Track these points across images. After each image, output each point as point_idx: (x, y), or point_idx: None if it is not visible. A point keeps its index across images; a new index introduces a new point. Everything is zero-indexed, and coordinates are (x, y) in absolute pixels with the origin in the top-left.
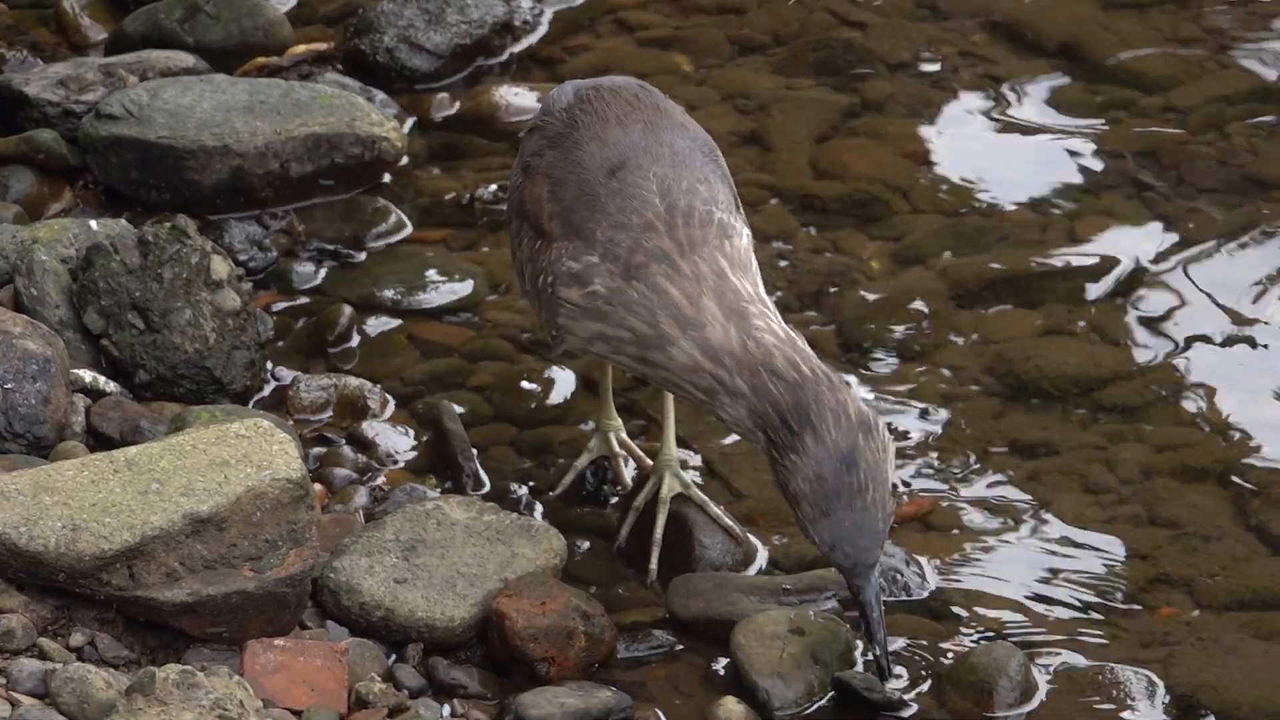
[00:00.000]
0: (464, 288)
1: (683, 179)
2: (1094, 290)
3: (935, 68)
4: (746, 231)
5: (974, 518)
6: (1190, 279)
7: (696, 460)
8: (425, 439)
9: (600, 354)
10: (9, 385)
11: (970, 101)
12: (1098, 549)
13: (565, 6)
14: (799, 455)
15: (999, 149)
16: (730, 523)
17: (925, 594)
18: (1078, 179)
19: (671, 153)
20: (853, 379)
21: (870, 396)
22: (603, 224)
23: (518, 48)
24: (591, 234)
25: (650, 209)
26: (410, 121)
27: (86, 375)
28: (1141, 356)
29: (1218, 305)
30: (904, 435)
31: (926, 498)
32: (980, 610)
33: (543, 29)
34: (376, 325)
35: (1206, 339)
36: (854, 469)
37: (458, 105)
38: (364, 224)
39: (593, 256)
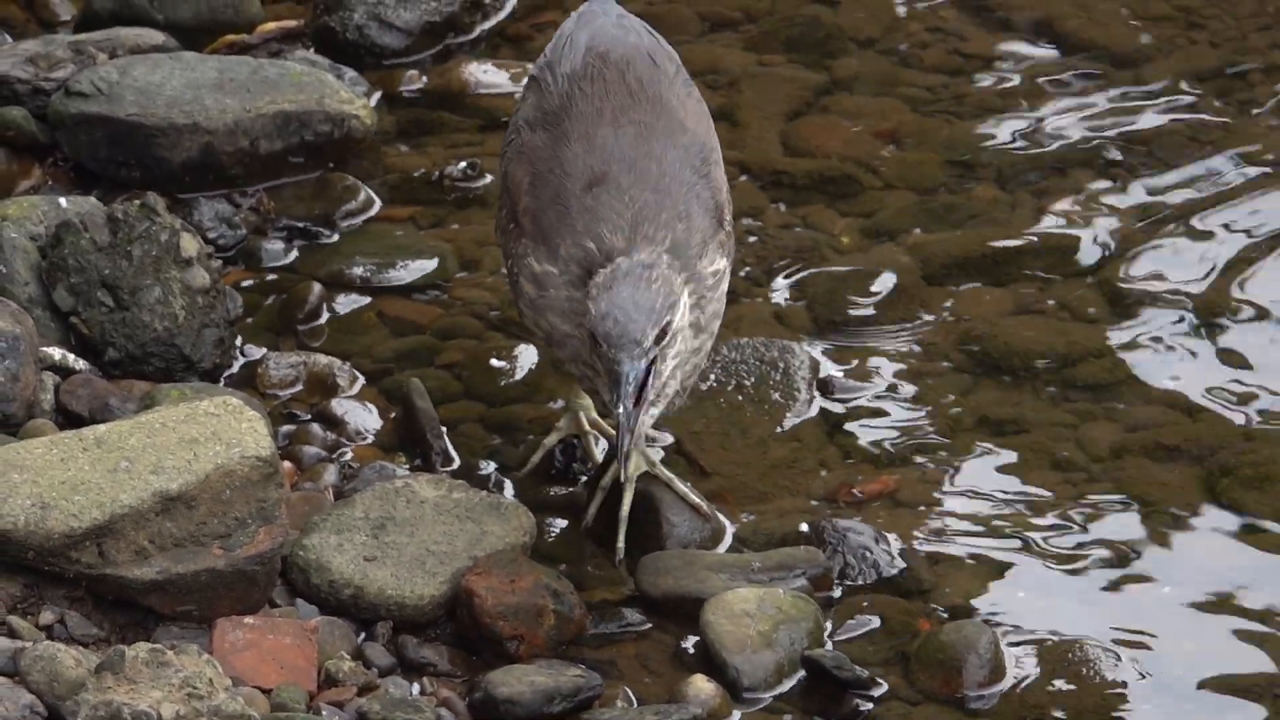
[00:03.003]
0: (433, 265)
1: (663, 208)
2: (1063, 268)
3: (904, 45)
4: (721, 263)
5: (943, 495)
6: (1160, 257)
7: (665, 439)
8: (394, 416)
9: (550, 337)
10: None
11: (939, 79)
12: (1067, 526)
13: None
14: (606, 266)
15: (968, 126)
16: (698, 500)
17: (894, 571)
18: (1047, 156)
19: (659, 172)
20: (822, 354)
21: (840, 373)
22: (567, 240)
23: (487, 24)
24: (556, 247)
25: (620, 234)
26: (379, 99)
27: (56, 353)
28: (1111, 334)
29: (1188, 283)
30: (874, 411)
31: (895, 475)
32: (949, 588)
33: (512, 5)
34: (346, 303)
35: (1177, 317)
36: (651, 269)
37: (427, 82)
38: (333, 201)
39: (553, 268)
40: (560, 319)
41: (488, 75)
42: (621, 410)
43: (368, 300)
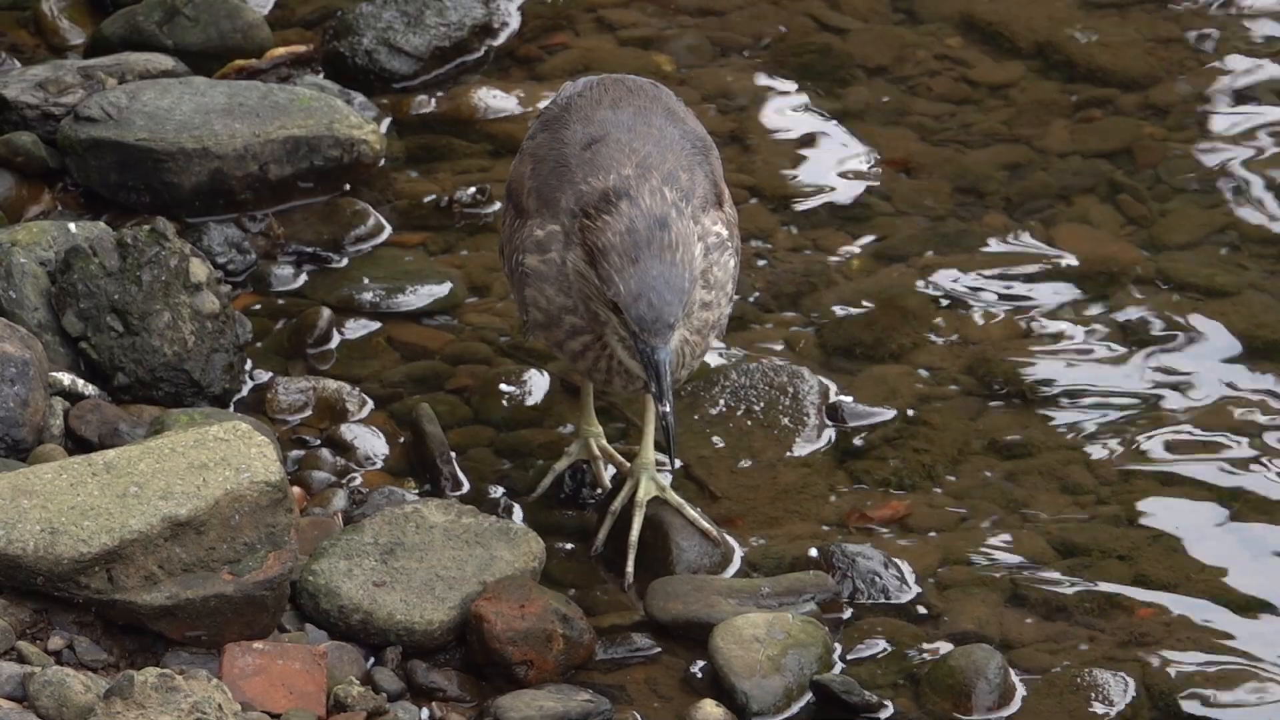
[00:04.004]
0: (443, 290)
1: (666, 160)
2: (1072, 294)
3: (913, 73)
4: (717, 230)
5: (952, 519)
6: (1167, 281)
7: (674, 464)
8: (403, 441)
9: (556, 341)
10: None
11: (947, 106)
12: (1076, 550)
13: (542, 1)
14: (612, 215)
15: (975, 152)
16: (707, 525)
17: (904, 596)
18: (1054, 181)
19: (659, 135)
20: (830, 379)
21: (849, 398)
22: (568, 192)
23: (496, 48)
24: (557, 203)
25: (617, 176)
26: (389, 123)
27: (65, 378)
28: (1118, 358)
29: (1195, 307)
30: (883, 436)
31: (905, 500)
32: (959, 612)
33: (522, 27)
34: (355, 327)
35: (1184, 341)
36: (666, 228)
37: (436, 107)
38: (343, 226)
39: (555, 225)
40: (556, 290)
41: (497, 100)
42: (668, 408)
43: (377, 325)
